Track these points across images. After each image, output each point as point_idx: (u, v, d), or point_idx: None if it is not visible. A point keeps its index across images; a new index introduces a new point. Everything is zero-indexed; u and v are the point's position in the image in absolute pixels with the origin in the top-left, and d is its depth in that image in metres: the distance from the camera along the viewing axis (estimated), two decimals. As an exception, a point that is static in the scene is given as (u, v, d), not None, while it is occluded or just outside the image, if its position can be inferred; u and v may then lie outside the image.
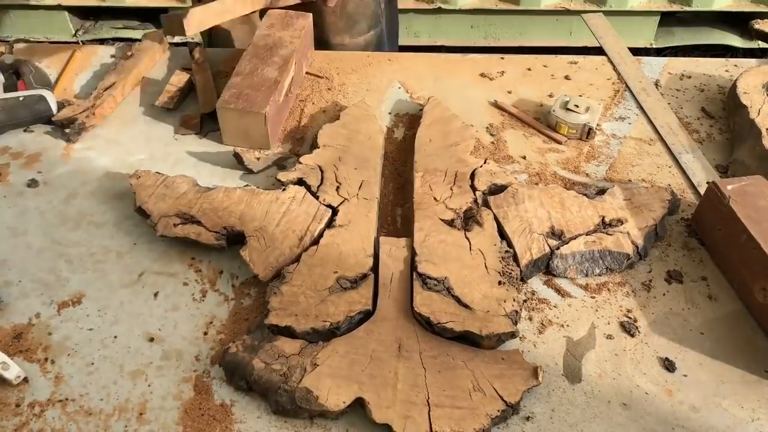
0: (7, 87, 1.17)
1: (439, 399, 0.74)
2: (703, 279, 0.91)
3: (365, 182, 1.00)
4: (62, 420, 0.75)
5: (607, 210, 0.95)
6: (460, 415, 0.73)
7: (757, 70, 1.21)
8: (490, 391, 0.75)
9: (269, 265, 0.88)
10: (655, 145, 1.13)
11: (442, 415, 0.73)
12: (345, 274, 0.86)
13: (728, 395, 0.78)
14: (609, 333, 0.84)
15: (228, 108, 1.07)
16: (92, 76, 1.27)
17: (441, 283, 0.85)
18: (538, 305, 0.87)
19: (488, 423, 0.72)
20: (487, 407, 0.74)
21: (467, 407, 0.74)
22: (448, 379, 0.76)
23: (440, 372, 0.77)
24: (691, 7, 2.48)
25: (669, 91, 1.25)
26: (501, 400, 0.74)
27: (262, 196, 0.97)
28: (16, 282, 0.90)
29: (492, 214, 0.95)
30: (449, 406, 0.74)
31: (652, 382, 0.79)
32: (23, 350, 0.82)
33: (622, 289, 0.89)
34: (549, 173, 1.07)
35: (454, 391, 0.75)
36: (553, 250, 0.90)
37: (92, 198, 1.02)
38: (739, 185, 0.90)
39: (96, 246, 0.95)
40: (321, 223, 0.93)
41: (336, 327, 0.81)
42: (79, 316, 0.86)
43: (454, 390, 0.75)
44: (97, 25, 2.70)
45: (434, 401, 0.74)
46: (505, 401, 0.74)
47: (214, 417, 0.76)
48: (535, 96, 1.22)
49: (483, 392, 0.75)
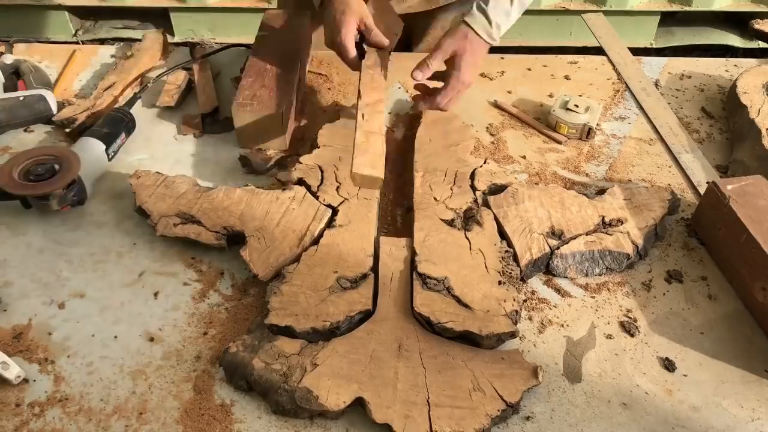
0: (7, 87, 1.17)
1: (439, 399, 0.74)
2: (703, 279, 0.91)
3: (365, 182, 1.00)
4: (62, 420, 0.75)
5: (607, 210, 0.95)
6: (460, 414, 0.73)
7: (757, 70, 1.21)
8: (490, 390, 0.75)
9: (269, 264, 0.88)
10: (655, 145, 1.13)
11: (442, 414, 0.73)
12: (345, 273, 0.86)
13: (728, 395, 0.78)
14: (609, 333, 0.84)
15: (244, 109, 1.06)
16: (92, 76, 1.27)
17: (441, 283, 0.85)
18: (538, 305, 0.87)
19: (488, 423, 0.73)
20: (487, 407, 0.74)
21: (467, 407, 0.74)
22: (448, 379, 0.76)
23: (440, 372, 0.77)
24: (691, 7, 2.48)
25: (669, 91, 1.25)
26: (501, 400, 0.74)
27: (262, 196, 0.97)
28: (17, 282, 0.90)
29: (492, 214, 0.95)
30: (449, 406, 0.74)
31: (652, 382, 0.79)
32: (23, 350, 0.82)
33: (622, 289, 0.89)
34: (549, 173, 1.07)
35: (454, 391, 0.75)
36: (553, 249, 0.90)
37: (92, 198, 1.02)
38: (739, 185, 0.90)
39: (96, 246, 0.95)
40: (321, 223, 0.93)
41: (336, 327, 0.81)
42: (79, 316, 0.86)
43: (454, 390, 0.75)
44: (97, 25, 2.70)
45: (434, 401, 0.74)
46: (505, 401, 0.74)
47: (214, 417, 0.76)
48: (535, 96, 1.22)
49: (483, 392, 0.75)
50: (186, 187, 0.98)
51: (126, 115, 1.11)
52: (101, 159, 1.05)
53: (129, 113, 1.12)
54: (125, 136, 1.10)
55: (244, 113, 1.07)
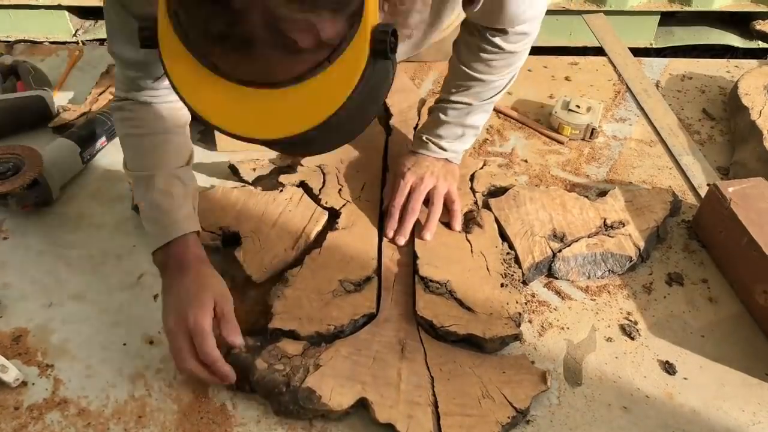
0: (6, 88, 1.16)
1: (448, 407, 0.73)
2: (704, 281, 0.91)
3: (367, 184, 0.99)
4: (61, 423, 0.75)
5: (609, 212, 0.95)
6: (470, 423, 0.72)
7: (758, 71, 1.20)
8: (500, 397, 0.74)
9: (263, 266, 0.88)
10: (656, 146, 1.12)
11: (453, 423, 0.72)
12: (349, 277, 0.86)
13: (729, 398, 0.78)
14: (609, 336, 0.84)
15: None
16: (92, 76, 1.27)
17: (443, 286, 0.85)
18: (538, 307, 0.87)
19: (499, 430, 0.72)
20: (497, 414, 0.73)
21: (477, 414, 0.73)
22: (457, 387, 0.75)
23: (449, 380, 0.76)
24: (691, 6, 2.47)
25: (670, 92, 1.25)
26: (511, 407, 0.73)
27: (259, 197, 0.96)
28: (16, 284, 0.90)
29: (493, 216, 0.94)
30: (459, 414, 0.73)
31: (653, 385, 0.79)
32: (22, 353, 0.82)
33: (622, 292, 0.89)
34: (549, 175, 1.06)
35: (463, 399, 0.74)
36: (555, 252, 0.90)
37: (91, 200, 1.02)
38: (740, 187, 0.90)
39: (95, 248, 0.95)
40: (318, 225, 0.93)
41: (340, 331, 0.80)
42: (79, 318, 0.86)
43: (463, 398, 0.74)
44: (97, 24, 2.69)
45: (444, 409, 0.73)
46: (515, 407, 0.73)
47: (214, 420, 0.75)
48: (535, 97, 1.22)
49: (492, 399, 0.74)
50: (184, 187, 0.97)
51: (110, 118, 1.09)
52: (74, 161, 1.03)
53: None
54: (106, 139, 1.09)
55: None
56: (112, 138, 1.10)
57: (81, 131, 1.06)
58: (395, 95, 1.17)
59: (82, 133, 1.05)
